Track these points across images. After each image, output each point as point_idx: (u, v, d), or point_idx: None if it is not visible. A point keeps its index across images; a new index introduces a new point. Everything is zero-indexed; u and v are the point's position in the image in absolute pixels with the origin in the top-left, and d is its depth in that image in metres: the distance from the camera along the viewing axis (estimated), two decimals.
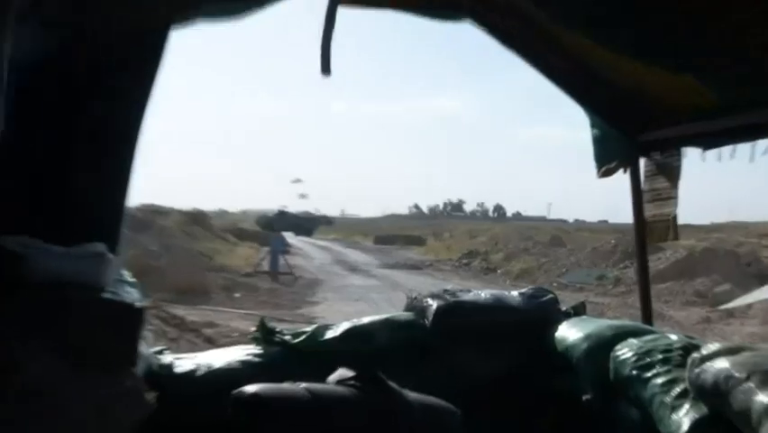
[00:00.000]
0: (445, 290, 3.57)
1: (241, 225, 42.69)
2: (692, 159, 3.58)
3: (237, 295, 15.41)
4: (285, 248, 24.63)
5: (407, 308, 3.50)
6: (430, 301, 3.42)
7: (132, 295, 2.51)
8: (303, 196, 61.78)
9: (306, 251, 32.14)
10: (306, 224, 53.02)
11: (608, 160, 3.81)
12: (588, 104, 3.64)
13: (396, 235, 43.76)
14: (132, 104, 2.47)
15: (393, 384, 2.45)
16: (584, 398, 2.94)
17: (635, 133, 3.66)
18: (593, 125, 3.85)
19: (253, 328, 3.21)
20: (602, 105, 3.59)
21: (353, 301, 15.07)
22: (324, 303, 15.13)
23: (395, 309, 3.78)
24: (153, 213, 24.18)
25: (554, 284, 18.83)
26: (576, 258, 24.60)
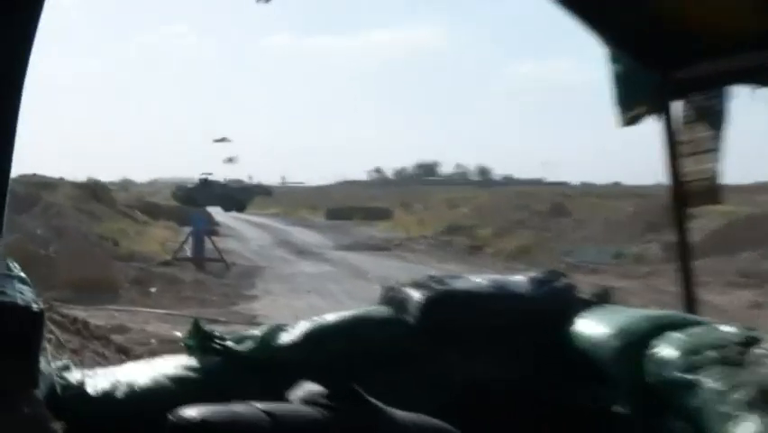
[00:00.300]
0: (431, 277, 3.59)
1: (151, 200, 42.40)
2: (740, 100, 3.59)
3: (153, 290, 15.65)
4: (211, 227, 24.63)
5: (383, 302, 3.51)
6: (412, 292, 3.43)
7: (26, 295, 2.46)
8: (231, 160, 61.84)
9: (240, 230, 32.24)
10: (238, 195, 53.50)
11: (633, 104, 3.82)
12: (606, 31, 3.62)
13: (353, 208, 43.86)
14: (11, 46, 2.42)
15: (372, 400, 2.41)
16: (614, 409, 2.97)
17: (669, 68, 3.65)
18: (614, 60, 3.84)
19: (180, 333, 3.16)
20: (626, 32, 3.57)
21: (304, 294, 15.20)
22: (267, 297, 15.27)
23: (362, 303, 3.78)
24: (37, 186, 24.33)
25: (561, 265, 18.59)
26: (585, 231, 24.81)
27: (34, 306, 2.30)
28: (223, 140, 59.74)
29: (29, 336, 2.22)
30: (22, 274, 2.62)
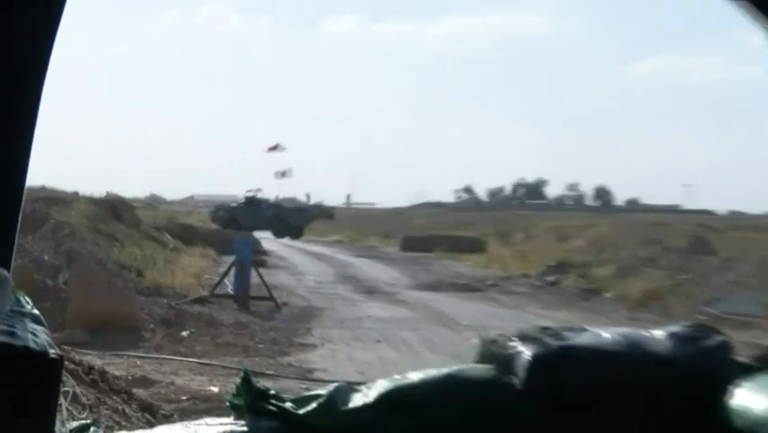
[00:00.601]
0: (543, 329, 3.56)
1: (184, 221, 42.55)
2: None
3: (184, 333, 15.87)
4: (259, 257, 24.97)
5: (480, 358, 3.49)
6: (519, 347, 3.42)
7: (40, 337, 2.45)
8: (284, 174, 62.09)
9: (294, 261, 32.23)
10: (293, 218, 54.02)
11: None
12: None
13: (436, 237, 43.41)
14: (30, 48, 2.53)
15: None
16: None
17: None
18: None
19: (218, 388, 3.17)
20: None
21: (372, 344, 15.41)
22: (326, 346, 15.46)
23: (447, 358, 3.73)
24: (46, 202, 24.55)
25: (702, 316, 18.81)
26: (734, 273, 24.46)
27: (51, 351, 2.29)
28: (276, 148, 59.90)
29: (44, 388, 2.20)
30: (36, 311, 2.63)
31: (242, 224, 49.89)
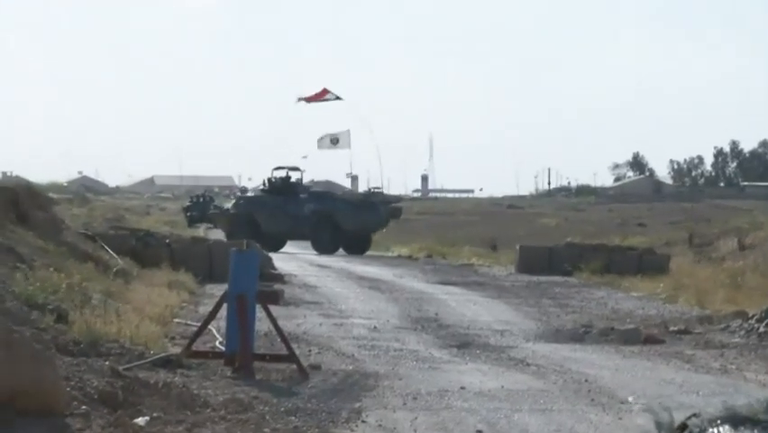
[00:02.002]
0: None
1: (139, 222, 36.33)
2: None
3: (140, 422, 12.77)
4: (270, 285, 21.53)
5: None
6: None
7: None
8: (336, 141, 46.15)
9: (331, 291, 28.04)
10: (351, 217, 38.92)
11: None
12: None
13: (579, 247, 35.86)
14: None
15: None
16: None
17: None
18: None
19: None
20: None
21: None
22: None
23: None
24: None
25: None
26: None
27: None
28: (323, 95, 43.47)
29: None
30: None
31: (264, 228, 37.77)
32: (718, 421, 3.06)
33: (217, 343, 17.32)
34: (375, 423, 13.00)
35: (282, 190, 40.58)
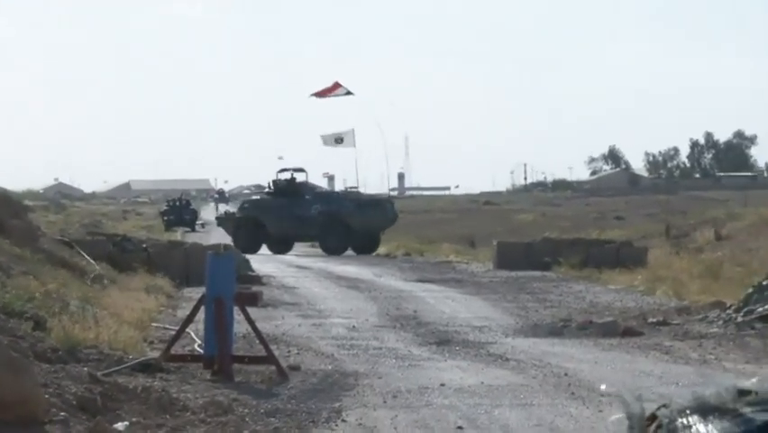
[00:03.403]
0: (741, 394, 3.38)
1: (115, 226, 36.59)
2: None
3: (120, 427, 13.06)
4: (247, 287, 21.25)
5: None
6: (697, 425, 3.27)
7: None
8: (340, 140, 44.77)
9: (310, 292, 28.10)
10: (359, 217, 39.91)
11: None
12: None
13: (556, 241, 35.66)
14: None
15: None
16: None
17: None
18: None
19: None
20: None
21: None
22: None
23: None
24: None
25: None
26: None
27: None
28: (335, 89, 43.16)
29: None
30: None
31: (270, 230, 38.27)
32: (687, 411, 3.08)
33: (196, 346, 17.28)
34: (355, 422, 13.06)
35: (287, 192, 40.48)
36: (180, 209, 72.48)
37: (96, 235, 29.89)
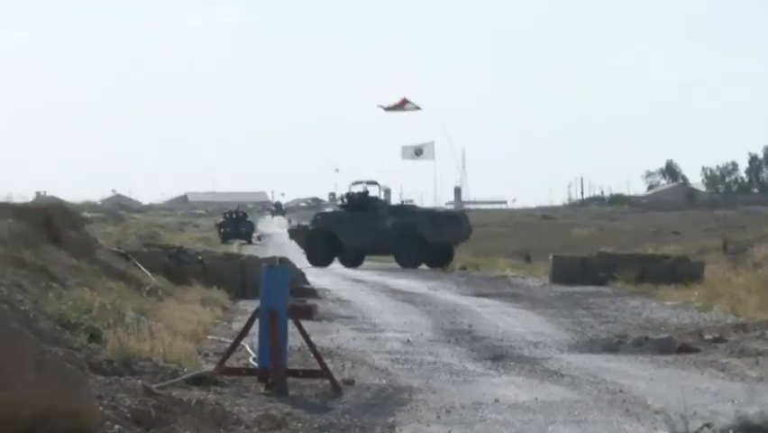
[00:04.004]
0: None
1: (173, 238, 36.54)
2: None
3: None
4: (302, 300, 20.72)
5: None
6: None
7: None
8: (420, 152, 43.67)
9: (364, 305, 27.79)
10: (434, 229, 39.50)
11: None
12: None
13: (613, 257, 35.26)
14: None
15: None
16: None
17: None
18: None
19: None
20: None
21: None
22: None
23: None
24: None
25: None
26: None
27: None
28: (403, 105, 43.84)
29: None
30: None
31: (344, 243, 38.07)
32: (730, 431, 3.03)
33: (251, 359, 16.96)
34: None
35: (361, 205, 40.35)
36: (237, 222, 72.31)
37: (153, 247, 29.89)
